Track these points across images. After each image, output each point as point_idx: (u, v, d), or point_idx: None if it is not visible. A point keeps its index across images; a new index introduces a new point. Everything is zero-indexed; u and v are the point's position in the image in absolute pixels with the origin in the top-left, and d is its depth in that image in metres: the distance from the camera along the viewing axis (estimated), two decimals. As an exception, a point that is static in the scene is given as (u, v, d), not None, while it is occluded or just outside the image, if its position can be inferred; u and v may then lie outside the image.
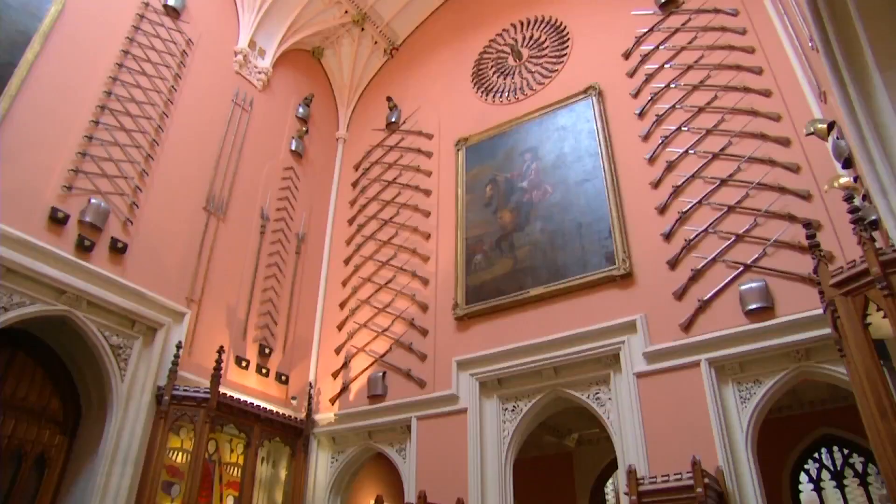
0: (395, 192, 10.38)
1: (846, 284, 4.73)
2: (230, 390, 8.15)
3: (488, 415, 7.92)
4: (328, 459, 9.05)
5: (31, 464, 6.92)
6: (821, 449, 9.12)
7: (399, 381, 8.73)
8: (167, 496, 7.34)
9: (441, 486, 7.51)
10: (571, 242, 8.06)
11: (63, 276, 6.81)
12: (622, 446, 6.82)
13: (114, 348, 7.29)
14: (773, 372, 6.36)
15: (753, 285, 6.55)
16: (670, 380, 6.74)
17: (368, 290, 9.74)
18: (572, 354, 7.46)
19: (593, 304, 7.61)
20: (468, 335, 8.44)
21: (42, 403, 7.16)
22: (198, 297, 8.35)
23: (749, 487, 6.06)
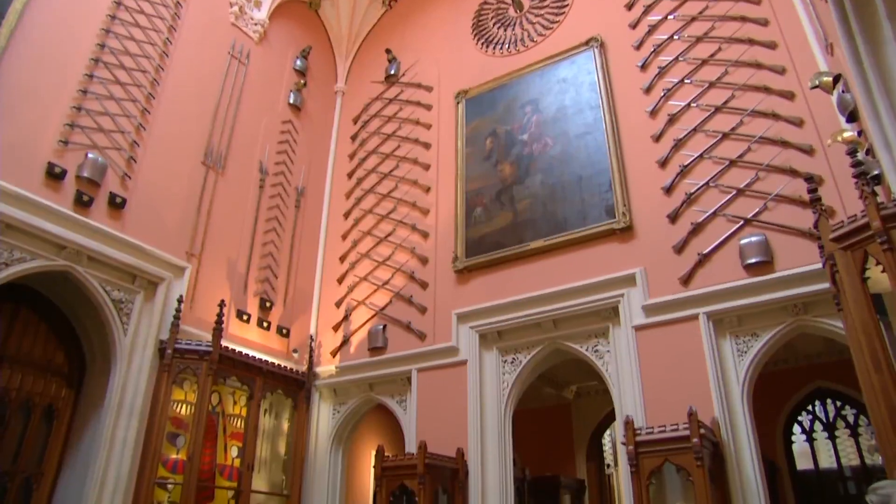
0: (394, 145, 10.30)
1: (846, 239, 4.74)
2: (232, 343, 8.23)
3: (488, 367, 8.02)
4: (330, 411, 9.19)
5: (40, 415, 7.05)
6: (814, 401, 9.28)
7: (399, 334, 8.81)
8: (173, 447, 7.48)
9: (441, 437, 7.64)
10: (571, 195, 8.03)
11: (62, 232, 6.81)
12: (620, 398, 6.92)
13: (115, 303, 7.34)
14: (770, 326, 6.42)
15: (753, 239, 6.55)
16: (668, 333, 6.80)
17: (368, 243, 9.75)
18: (571, 307, 7.50)
19: (593, 257, 7.63)
20: (468, 288, 8.49)
21: (47, 357, 7.25)
22: (198, 251, 8.36)
23: (744, 438, 6.18)
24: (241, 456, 8.01)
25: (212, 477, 7.71)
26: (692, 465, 5.52)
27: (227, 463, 7.93)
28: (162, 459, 7.23)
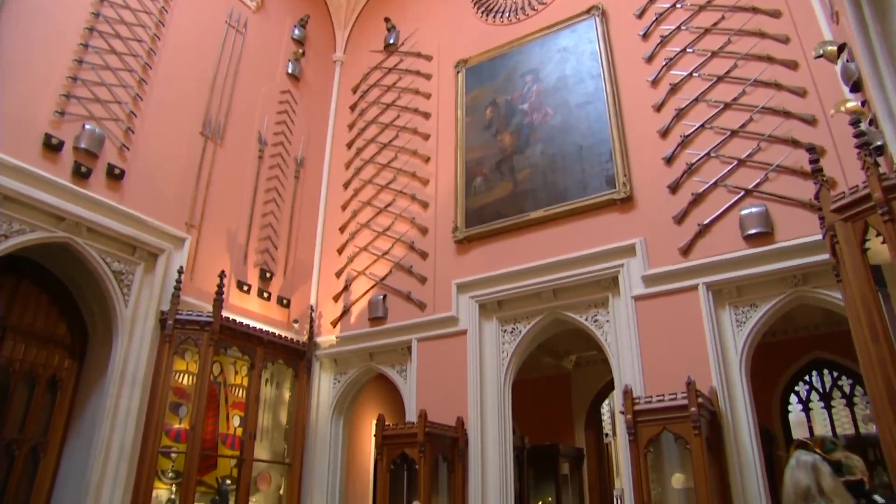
0: (393, 115, 10.22)
1: (847, 210, 4.74)
2: (232, 314, 8.27)
3: (488, 336, 8.06)
4: (330, 380, 9.26)
5: (44, 386, 7.12)
6: (811, 372, 9.35)
7: (399, 304, 8.84)
8: (175, 416, 7.56)
9: (441, 406, 7.71)
10: (572, 165, 8.00)
11: (61, 203, 6.79)
12: (619, 367, 6.97)
13: (116, 274, 7.35)
14: (769, 296, 6.44)
15: (754, 210, 6.54)
16: (668, 303, 6.83)
17: (368, 213, 9.74)
18: (571, 277, 7.52)
19: (593, 227, 7.63)
20: (468, 258, 8.50)
21: (50, 329, 7.29)
22: (197, 222, 8.35)
23: (741, 408, 6.24)
24: (243, 425, 8.09)
25: (214, 446, 7.80)
26: (690, 433, 5.59)
27: (229, 432, 8.02)
28: (165, 429, 7.32)
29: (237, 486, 7.80)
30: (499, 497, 7.31)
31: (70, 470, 6.97)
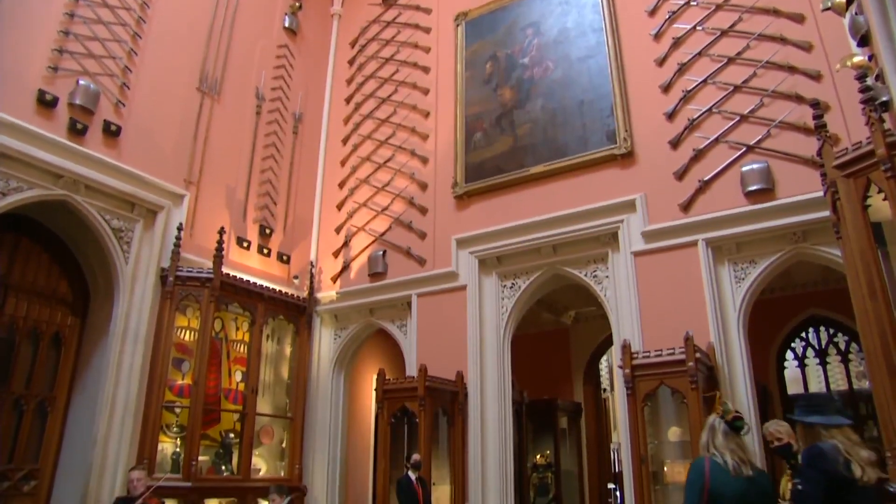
0: (392, 69, 10.07)
1: (849, 166, 4.71)
2: (233, 270, 8.29)
3: (487, 291, 8.10)
4: (331, 336, 9.34)
5: (48, 343, 7.19)
6: (808, 328, 9.42)
7: (399, 260, 8.86)
8: (178, 372, 7.64)
9: (441, 361, 7.80)
10: (572, 120, 7.93)
11: (58, 161, 6.74)
12: (618, 323, 7.02)
13: (115, 231, 7.34)
14: (768, 253, 6.46)
15: (755, 166, 6.50)
16: (667, 259, 6.85)
17: (367, 169, 9.68)
18: (571, 232, 7.53)
19: (593, 182, 7.59)
20: (468, 213, 8.49)
21: (51, 286, 7.32)
22: (196, 178, 8.30)
23: (738, 363, 6.31)
24: (245, 380, 8.20)
25: (217, 400, 7.91)
26: (687, 388, 5.67)
27: (231, 387, 8.12)
28: (168, 384, 7.42)
29: (240, 440, 7.94)
30: (498, 450, 7.45)
31: (77, 424, 7.09)
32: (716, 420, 3.15)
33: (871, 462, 2.84)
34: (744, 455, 3.01)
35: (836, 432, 2.95)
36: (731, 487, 2.91)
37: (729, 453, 3.00)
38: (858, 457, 2.83)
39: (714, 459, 3.03)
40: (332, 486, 8.69)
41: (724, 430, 3.09)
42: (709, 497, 2.93)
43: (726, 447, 3.02)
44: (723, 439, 3.06)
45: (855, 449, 2.87)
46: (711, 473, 2.98)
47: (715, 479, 2.95)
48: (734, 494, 2.89)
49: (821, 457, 2.86)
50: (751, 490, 2.92)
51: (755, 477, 2.98)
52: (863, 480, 2.77)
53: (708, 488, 2.93)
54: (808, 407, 3.16)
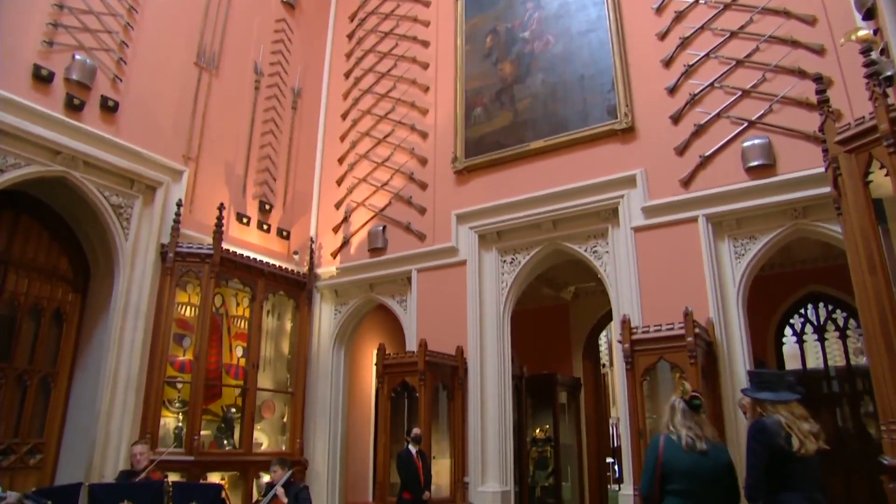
0: (392, 43, 9.97)
1: (852, 141, 4.69)
2: (233, 246, 8.29)
3: (487, 267, 8.12)
4: (331, 311, 9.37)
5: (49, 319, 7.24)
6: (806, 305, 9.45)
7: (399, 235, 8.86)
8: (180, 347, 7.69)
9: (441, 335, 7.84)
10: (573, 95, 7.87)
11: (55, 137, 6.70)
12: (617, 298, 7.04)
13: (115, 208, 7.33)
14: (769, 229, 6.45)
15: (756, 142, 6.47)
16: (667, 234, 6.84)
17: (367, 144, 9.64)
18: (571, 208, 7.52)
19: (594, 157, 7.56)
20: (468, 188, 8.47)
21: (52, 263, 7.33)
22: (195, 154, 8.27)
23: (737, 339, 6.34)
24: (246, 355, 8.24)
25: (219, 376, 7.97)
26: (686, 363, 5.69)
27: (232, 362, 8.17)
28: (170, 360, 7.46)
29: (242, 415, 8.01)
30: (497, 424, 7.52)
31: (80, 399, 7.15)
32: (676, 400, 3.31)
33: (811, 435, 3.07)
34: (699, 431, 3.18)
35: (781, 407, 3.16)
36: (683, 462, 3.11)
37: (685, 430, 3.18)
38: (800, 430, 3.04)
39: (669, 437, 3.23)
40: (332, 460, 8.79)
41: (682, 409, 3.26)
42: (662, 471, 3.14)
43: (683, 425, 3.21)
44: (681, 417, 3.25)
45: (798, 423, 3.08)
46: (665, 449, 3.19)
47: (668, 455, 3.16)
48: (685, 468, 3.09)
49: (763, 431, 3.09)
50: (703, 463, 3.10)
51: (709, 451, 3.14)
52: (801, 453, 3.00)
53: (661, 463, 3.15)
54: (760, 383, 3.34)
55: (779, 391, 3.24)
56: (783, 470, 3.03)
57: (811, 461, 3.05)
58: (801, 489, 3.02)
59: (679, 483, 3.13)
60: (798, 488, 3.02)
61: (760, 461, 3.06)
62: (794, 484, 3.03)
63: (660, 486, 3.18)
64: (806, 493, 3.02)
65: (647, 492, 3.25)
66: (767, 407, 3.21)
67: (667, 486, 3.16)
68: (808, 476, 3.05)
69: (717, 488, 3.14)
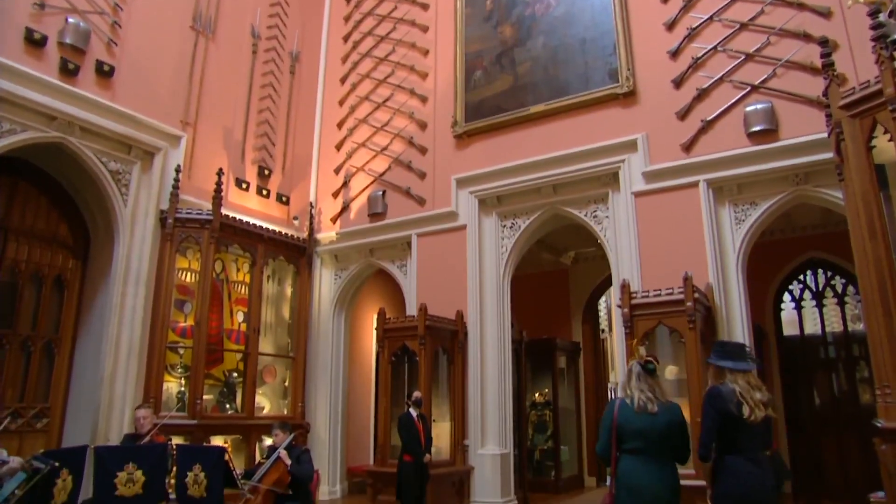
0: (391, 6, 9.80)
1: (856, 106, 4.65)
2: (232, 212, 8.28)
3: (487, 231, 8.12)
4: (332, 276, 9.40)
5: (51, 285, 7.27)
6: (806, 271, 9.47)
7: (399, 200, 8.84)
8: (181, 313, 7.72)
9: (441, 300, 7.88)
10: (574, 58, 7.78)
11: (51, 102, 6.63)
12: (617, 263, 7.06)
13: (113, 174, 7.29)
14: (770, 195, 6.43)
15: (759, 107, 6.41)
16: (668, 200, 6.83)
17: (366, 108, 9.55)
18: (572, 172, 7.49)
19: (594, 122, 7.51)
20: (467, 153, 8.42)
21: (51, 230, 7.34)
22: (192, 120, 8.20)
23: (736, 304, 6.37)
24: (246, 320, 8.29)
25: (220, 341, 8.02)
26: (685, 327, 5.73)
27: (234, 327, 8.22)
28: (171, 325, 7.50)
29: (243, 379, 8.09)
30: (497, 388, 7.60)
31: (84, 365, 7.22)
32: (633, 364, 3.51)
33: (762, 403, 3.30)
34: (651, 394, 3.38)
35: (739, 376, 3.36)
36: (635, 423, 3.32)
37: (638, 392, 3.39)
38: (752, 399, 3.27)
39: (625, 400, 3.44)
40: (334, 424, 8.90)
41: (637, 373, 3.45)
42: (617, 432, 3.36)
43: (638, 387, 3.41)
44: (636, 380, 3.44)
45: (751, 392, 3.30)
46: (620, 411, 3.41)
47: (622, 417, 3.37)
48: (636, 428, 3.31)
49: (716, 397, 3.31)
50: (653, 424, 3.30)
51: (659, 412, 3.33)
52: (750, 419, 3.23)
53: (616, 424, 3.37)
54: (722, 353, 3.53)
55: (738, 361, 3.43)
56: (732, 433, 3.26)
57: (759, 427, 3.27)
58: (747, 451, 3.26)
59: (632, 442, 3.33)
60: (744, 450, 3.26)
61: (712, 424, 3.29)
62: (740, 446, 3.26)
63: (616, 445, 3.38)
64: (751, 455, 3.26)
65: (602, 450, 3.48)
66: (727, 374, 3.39)
67: (621, 446, 3.36)
68: (755, 440, 3.29)
69: (666, 446, 3.33)
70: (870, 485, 6.02)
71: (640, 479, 3.27)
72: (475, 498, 7.28)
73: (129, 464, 4.54)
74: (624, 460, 3.35)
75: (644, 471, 3.28)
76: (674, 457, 3.39)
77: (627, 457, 3.34)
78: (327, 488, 8.55)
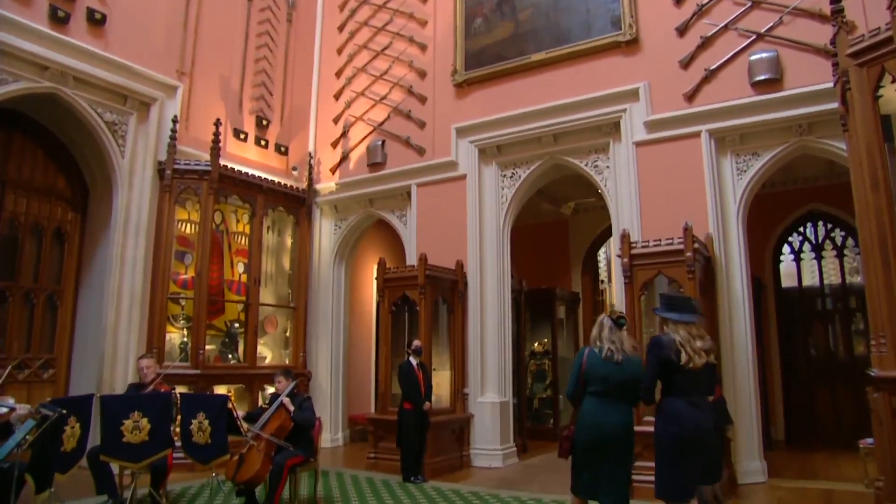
0: (389, -51, 9.55)
1: (864, 54, 4.57)
2: (231, 162, 8.23)
3: (487, 181, 8.08)
4: (331, 227, 9.40)
5: (51, 238, 7.28)
6: (806, 223, 9.47)
7: (398, 150, 8.77)
8: (181, 264, 7.75)
9: (441, 250, 7.90)
10: (576, 5, 7.62)
11: (41, 51, 6.51)
12: (617, 213, 7.05)
13: (109, 125, 7.21)
14: (772, 145, 6.39)
15: (764, 55, 6.30)
16: (669, 149, 6.78)
17: (364, 57, 9.38)
18: (573, 122, 7.42)
19: (596, 70, 7.40)
20: (467, 102, 8.32)
21: (49, 183, 7.30)
22: (188, 69, 8.07)
23: (735, 255, 6.40)
24: (247, 271, 8.32)
25: (221, 292, 8.07)
26: (684, 277, 5.76)
27: (234, 278, 8.26)
28: (172, 276, 7.54)
29: (245, 329, 8.16)
30: (496, 337, 7.68)
31: (87, 316, 7.28)
32: (605, 318, 3.85)
33: (703, 351, 3.58)
34: (619, 346, 3.71)
35: (681, 327, 3.62)
36: (601, 370, 3.67)
37: (608, 344, 3.72)
38: (692, 347, 3.55)
39: (593, 349, 3.77)
40: (335, 373, 9.03)
41: (609, 326, 3.79)
42: (584, 377, 3.72)
43: (608, 339, 3.73)
44: (608, 333, 3.77)
45: (691, 341, 3.57)
46: (588, 359, 3.74)
47: (590, 364, 3.72)
48: (601, 375, 3.66)
49: (657, 345, 3.61)
50: (616, 372, 3.66)
51: (623, 362, 3.67)
52: (688, 366, 3.52)
53: (583, 371, 3.72)
54: (668, 305, 3.80)
55: (683, 313, 3.69)
56: (672, 378, 3.56)
57: (698, 372, 3.56)
58: (687, 395, 3.56)
59: (595, 386, 3.69)
60: (683, 394, 3.56)
61: (653, 370, 3.61)
62: (679, 390, 3.56)
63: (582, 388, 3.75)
64: (689, 398, 3.55)
65: (570, 393, 3.85)
66: (671, 325, 3.66)
67: (586, 389, 3.73)
68: (694, 384, 3.58)
69: (623, 391, 3.70)
70: (860, 433, 6.18)
71: (600, 417, 3.65)
72: (475, 445, 7.43)
73: (134, 412, 4.61)
74: (587, 401, 3.72)
75: (603, 410, 3.66)
76: (629, 400, 3.76)
77: (590, 398, 3.71)
78: (329, 436, 8.73)
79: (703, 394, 3.65)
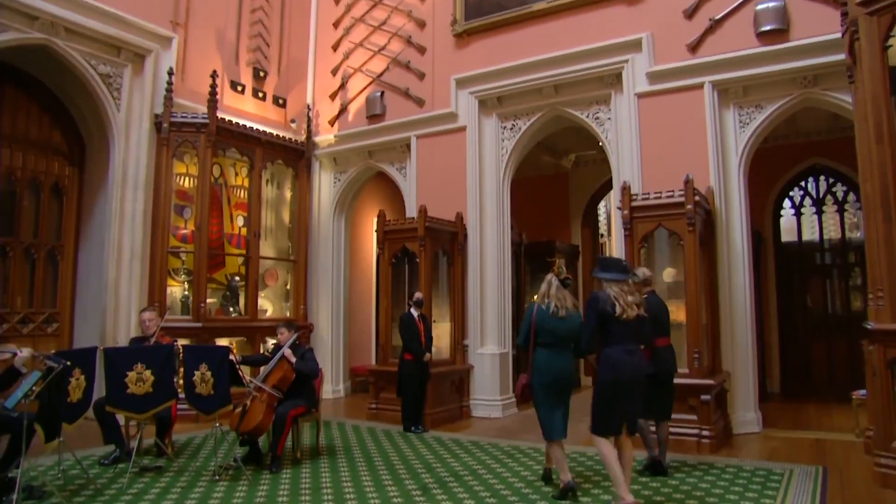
0: None
1: (875, 2, 4.47)
2: (228, 115, 8.13)
3: (487, 133, 8.02)
4: (331, 179, 9.35)
5: (49, 193, 7.26)
6: (807, 178, 9.41)
7: (397, 101, 8.67)
8: (181, 218, 7.74)
9: (441, 202, 7.88)
10: (580, -48, 7.44)
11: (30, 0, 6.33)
12: (618, 165, 7.01)
13: (103, 77, 7.11)
14: (776, 97, 6.31)
15: (770, 5, 6.17)
16: (671, 101, 6.71)
17: (363, 7, 9.19)
18: (574, 72, 7.31)
19: (598, 20, 7.26)
20: (467, 52, 8.19)
21: (44, 137, 7.23)
22: (183, 20, 7.91)
23: (736, 208, 6.38)
24: (247, 225, 8.31)
25: (221, 245, 8.08)
26: (684, 229, 5.76)
27: (234, 232, 8.25)
28: (172, 231, 7.54)
29: (246, 283, 8.20)
30: (496, 289, 7.72)
31: (88, 270, 7.31)
32: (552, 278, 4.40)
33: (634, 304, 3.99)
34: (564, 302, 4.32)
35: (614, 284, 4.00)
36: (548, 324, 4.29)
37: (555, 301, 4.32)
38: (625, 301, 3.94)
39: (542, 306, 4.35)
40: (336, 325, 9.11)
41: (556, 285, 4.36)
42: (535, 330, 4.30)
43: (555, 297, 4.33)
44: (555, 291, 4.35)
45: (623, 296, 3.97)
46: (538, 315, 4.33)
47: (539, 319, 4.32)
48: (549, 328, 4.28)
49: (595, 300, 4.01)
50: (561, 325, 4.28)
51: (566, 317, 4.29)
52: (623, 317, 3.91)
53: (533, 324, 4.32)
54: (603, 266, 4.19)
55: (616, 273, 4.06)
56: (609, 329, 3.95)
57: (631, 323, 3.96)
58: (621, 343, 3.94)
59: (544, 338, 4.31)
60: (619, 343, 3.94)
61: (592, 322, 3.99)
62: (615, 339, 3.95)
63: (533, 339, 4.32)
64: (625, 347, 3.94)
65: (522, 343, 4.43)
66: (605, 283, 4.06)
67: (537, 340, 4.32)
68: (629, 334, 3.97)
69: (568, 341, 4.31)
70: (853, 386, 6.27)
71: (550, 363, 4.29)
72: (474, 396, 7.54)
73: (137, 364, 4.67)
74: (538, 351, 4.34)
75: (553, 358, 4.29)
76: (572, 350, 4.36)
77: (541, 349, 4.33)
78: (330, 388, 8.85)
79: (636, 342, 4.06)
